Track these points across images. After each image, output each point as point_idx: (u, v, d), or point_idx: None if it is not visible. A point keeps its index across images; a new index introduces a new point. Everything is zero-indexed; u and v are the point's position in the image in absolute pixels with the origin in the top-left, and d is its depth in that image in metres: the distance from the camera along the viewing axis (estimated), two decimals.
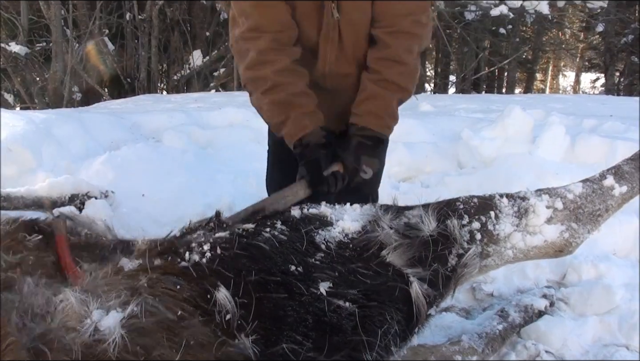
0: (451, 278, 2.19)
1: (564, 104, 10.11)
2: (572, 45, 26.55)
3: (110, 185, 4.30)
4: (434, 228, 2.20)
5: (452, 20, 16.44)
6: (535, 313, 3.09)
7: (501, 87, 24.91)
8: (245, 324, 1.73)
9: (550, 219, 2.32)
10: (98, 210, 3.64)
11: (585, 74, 32.47)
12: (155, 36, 14.11)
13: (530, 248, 2.32)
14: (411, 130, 6.18)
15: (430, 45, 21.68)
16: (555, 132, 5.22)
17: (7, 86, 14.78)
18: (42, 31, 13.64)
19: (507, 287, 3.50)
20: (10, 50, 12.33)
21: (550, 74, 35.30)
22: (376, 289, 2.02)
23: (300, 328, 1.82)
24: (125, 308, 1.66)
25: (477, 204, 2.33)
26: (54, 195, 3.83)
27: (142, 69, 14.11)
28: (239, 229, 2.11)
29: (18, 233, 2.00)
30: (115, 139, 5.86)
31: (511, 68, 22.40)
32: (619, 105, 9.99)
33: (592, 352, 2.92)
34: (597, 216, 2.38)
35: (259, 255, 1.97)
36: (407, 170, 5.37)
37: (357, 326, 1.90)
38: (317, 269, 2.00)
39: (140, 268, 1.85)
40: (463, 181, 4.92)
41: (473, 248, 2.21)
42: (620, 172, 2.45)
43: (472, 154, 5.35)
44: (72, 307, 1.65)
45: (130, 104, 9.90)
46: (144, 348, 1.59)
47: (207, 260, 1.90)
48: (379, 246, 2.14)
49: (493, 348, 2.82)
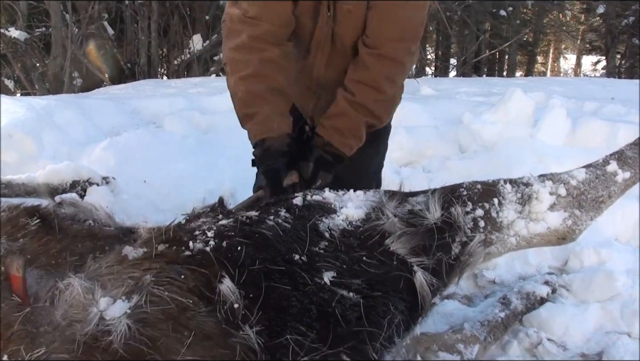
0: (455, 266, 2.18)
1: (565, 87, 10.11)
2: (573, 27, 26.52)
3: (111, 171, 4.30)
4: (438, 215, 2.19)
5: (452, 3, 16.38)
6: (537, 300, 3.10)
7: (502, 70, 24.87)
8: (249, 315, 1.73)
9: (553, 206, 2.31)
10: (99, 197, 3.65)
11: (586, 57, 32.40)
12: (155, 20, 14.05)
13: (534, 235, 2.31)
14: (412, 114, 6.17)
15: (431, 27, 21.64)
16: (557, 116, 5.21)
17: (8, 72, 14.75)
18: (41, 16, 13.58)
19: (509, 274, 3.51)
20: (10, 36, 12.27)
21: (551, 57, 35.26)
22: (380, 279, 2.01)
23: (305, 318, 1.82)
24: (130, 298, 1.66)
25: (480, 190, 2.31)
26: (55, 182, 3.84)
27: (142, 54, 14.06)
28: (243, 216, 2.10)
29: (20, 219, 2.00)
30: (115, 125, 5.87)
31: (512, 51, 22.35)
32: (620, 88, 9.98)
33: (593, 339, 2.92)
34: (600, 203, 2.36)
35: (263, 243, 1.96)
36: (409, 154, 5.37)
37: (362, 317, 1.89)
38: (321, 258, 1.99)
39: (145, 256, 1.85)
40: (464, 165, 4.93)
41: (477, 236, 2.20)
42: (623, 157, 2.42)
43: (474, 137, 5.35)
44: (77, 296, 1.65)
45: (130, 90, 9.90)
46: (149, 339, 1.59)
47: (211, 249, 1.89)
48: (383, 234, 2.13)
49: (495, 335, 2.82)
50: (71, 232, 2.06)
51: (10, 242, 1.89)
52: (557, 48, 35.09)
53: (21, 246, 1.88)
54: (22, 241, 1.90)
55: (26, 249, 1.87)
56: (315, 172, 2.77)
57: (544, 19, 23.10)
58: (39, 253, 1.89)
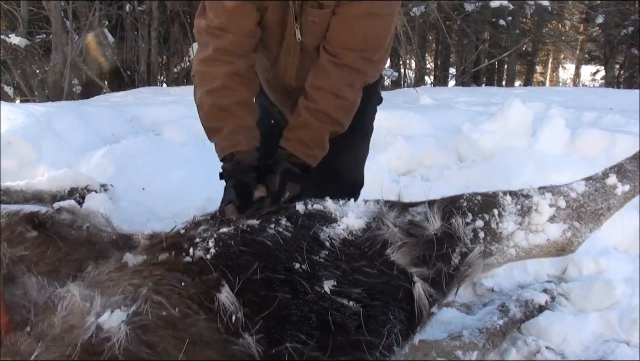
0: (454, 277, 2.19)
1: (564, 97, 10.11)
2: (572, 37, 26.54)
3: (110, 178, 4.32)
4: (438, 226, 2.20)
5: (451, 12, 16.41)
6: (536, 308, 3.10)
7: (501, 79, 24.85)
8: (249, 323, 1.73)
9: (553, 218, 2.32)
10: (98, 204, 3.65)
11: (585, 67, 32.41)
12: (155, 28, 14.06)
13: (533, 246, 2.32)
14: (411, 123, 6.17)
15: (430, 37, 21.67)
16: (555, 126, 5.22)
17: (7, 78, 14.74)
18: (41, 23, 13.58)
19: (508, 282, 3.50)
20: (10, 42, 12.27)
21: (550, 67, 35.27)
22: (380, 289, 2.02)
23: (305, 327, 1.82)
24: (129, 305, 1.66)
25: (480, 201, 2.32)
26: (53, 189, 3.84)
27: (142, 61, 14.07)
28: (243, 225, 2.11)
29: (18, 226, 2.00)
30: (115, 133, 5.86)
31: (511, 60, 22.33)
32: (619, 98, 9.98)
33: (592, 348, 2.91)
34: (599, 215, 2.38)
35: (263, 252, 1.97)
36: (408, 164, 5.37)
37: (361, 326, 1.90)
38: (322, 267, 1.99)
39: (145, 263, 1.85)
40: (463, 174, 4.93)
41: (477, 247, 2.21)
42: (622, 170, 2.45)
43: (473, 147, 5.35)
44: (75, 303, 1.65)
45: (130, 97, 9.89)
46: (148, 346, 1.59)
47: (212, 256, 1.90)
48: (384, 244, 2.13)
49: (494, 343, 2.82)
50: (70, 238, 2.06)
51: (9, 249, 1.89)
52: (556, 58, 35.11)
53: (20, 252, 1.89)
54: (20, 248, 1.91)
55: (24, 256, 1.88)
56: (282, 184, 2.75)
57: (543, 29, 23.12)
58: (37, 260, 1.89)
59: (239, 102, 2.76)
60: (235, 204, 2.60)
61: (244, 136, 2.74)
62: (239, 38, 2.74)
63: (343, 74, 2.77)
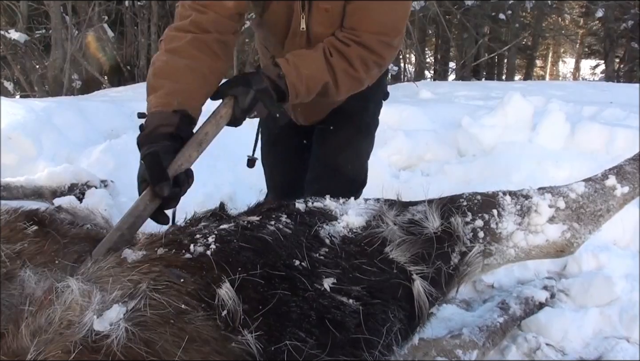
0: (454, 276, 2.19)
1: (564, 91, 10.11)
2: (572, 31, 26.55)
3: (110, 174, 4.30)
4: (437, 225, 2.20)
5: (451, 6, 16.39)
6: (536, 305, 3.10)
7: (501, 73, 24.87)
8: (248, 319, 1.73)
9: (553, 219, 2.32)
10: (98, 199, 3.64)
11: (585, 61, 32.45)
12: (154, 23, 14.06)
13: (532, 247, 2.32)
14: (411, 118, 6.18)
15: (430, 31, 21.66)
16: (555, 120, 5.23)
17: (7, 74, 14.73)
18: (41, 18, 13.59)
19: (508, 278, 3.50)
20: (10, 38, 12.27)
21: (550, 61, 35.29)
22: (380, 287, 2.01)
23: (304, 324, 1.81)
24: (128, 301, 1.66)
25: (480, 201, 2.32)
26: (53, 185, 3.83)
27: (141, 56, 14.07)
28: (244, 221, 2.11)
29: (18, 223, 2.00)
30: (115, 128, 5.85)
31: (511, 54, 22.36)
32: (619, 92, 9.98)
33: (592, 344, 2.92)
34: (599, 217, 2.38)
35: (264, 248, 1.96)
36: (407, 158, 5.38)
37: (361, 324, 1.89)
38: (322, 264, 1.99)
39: (144, 260, 1.85)
40: (463, 169, 4.93)
41: (476, 246, 2.21)
42: (622, 172, 2.45)
43: (472, 141, 5.36)
44: (74, 298, 1.65)
45: (130, 92, 9.88)
46: (147, 342, 1.58)
47: (212, 253, 1.89)
48: (383, 242, 2.13)
49: (494, 341, 2.83)
50: (69, 235, 2.06)
51: (9, 245, 1.89)
52: (556, 52, 35.12)
53: (18, 248, 1.89)
54: (19, 245, 1.90)
55: (24, 252, 1.88)
56: (253, 102, 2.54)
57: (543, 23, 23.14)
58: (35, 252, 1.89)
59: (193, 68, 2.49)
60: (148, 181, 2.36)
61: (181, 99, 2.43)
62: (220, 18, 2.59)
63: (359, 49, 2.65)
